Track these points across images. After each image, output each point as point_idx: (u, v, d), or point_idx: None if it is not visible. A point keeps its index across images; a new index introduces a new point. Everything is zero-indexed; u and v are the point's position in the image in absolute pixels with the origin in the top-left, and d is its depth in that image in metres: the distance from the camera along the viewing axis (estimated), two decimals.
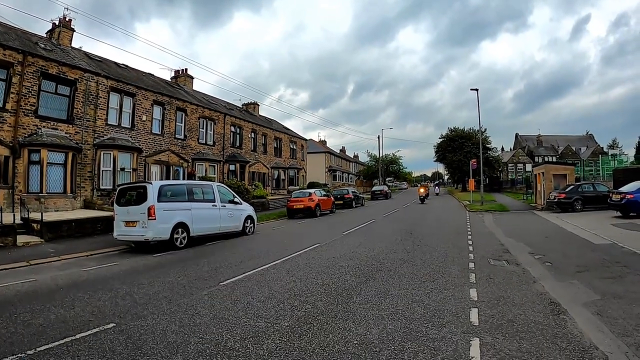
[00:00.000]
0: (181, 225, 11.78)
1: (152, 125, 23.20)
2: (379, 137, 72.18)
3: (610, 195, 16.97)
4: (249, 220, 14.84)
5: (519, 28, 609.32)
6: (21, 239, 12.24)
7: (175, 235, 11.57)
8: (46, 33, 21.44)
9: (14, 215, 13.33)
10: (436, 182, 43.66)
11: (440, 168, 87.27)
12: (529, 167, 62.88)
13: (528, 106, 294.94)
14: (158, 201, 11.32)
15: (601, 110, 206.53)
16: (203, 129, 28.00)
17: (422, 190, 33.14)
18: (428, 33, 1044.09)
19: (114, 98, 20.78)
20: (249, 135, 33.94)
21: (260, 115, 41.28)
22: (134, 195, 11.87)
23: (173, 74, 31.69)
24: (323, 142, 68.11)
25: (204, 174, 26.05)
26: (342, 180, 66.36)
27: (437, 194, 46.56)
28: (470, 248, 10.11)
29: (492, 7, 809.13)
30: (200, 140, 27.49)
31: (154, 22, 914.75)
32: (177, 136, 25.23)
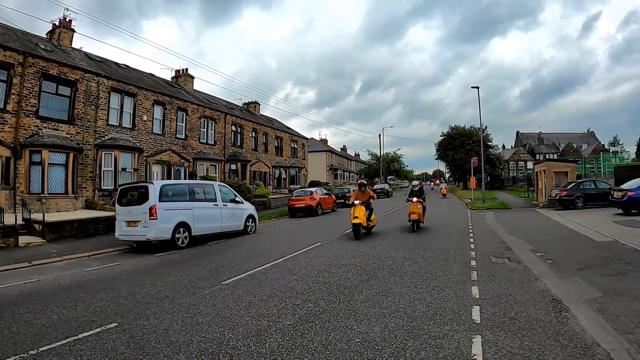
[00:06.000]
0: (183, 225, 11.78)
1: (153, 125, 23.23)
2: (380, 136, 72.06)
3: (612, 192, 16.90)
4: (251, 220, 14.85)
5: (530, 25, 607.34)
6: (23, 239, 12.27)
7: (177, 235, 11.58)
8: (46, 34, 21.47)
9: (16, 216, 13.36)
10: (417, 183, 16.71)
11: (442, 166, 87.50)
12: (530, 165, 62.80)
13: (534, 104, 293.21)
14: (159, 201, 11.33)
15: (605, 108, 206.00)
16: (204, 128, 28.02)
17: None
18: (438, 30, 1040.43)
19: (115, 98, 20.80)
20: (250, 135, 33.94)
21: (261, 115, 41.29)
22: (136, 195, 11.89)
23: (174, 74, 31.73)
24: (324, 141, 68.11)
25: (205, 174, 26.06)
26: (344, 179, 66.38)
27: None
28: (472, 246, 10.08)
29: (503, 4, 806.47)
30: (201, 140, 27.51)
31: (161, 20, 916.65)
32: (178, 136, 25.26)
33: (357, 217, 11.87)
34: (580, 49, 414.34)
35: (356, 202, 12.41)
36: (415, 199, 13.50)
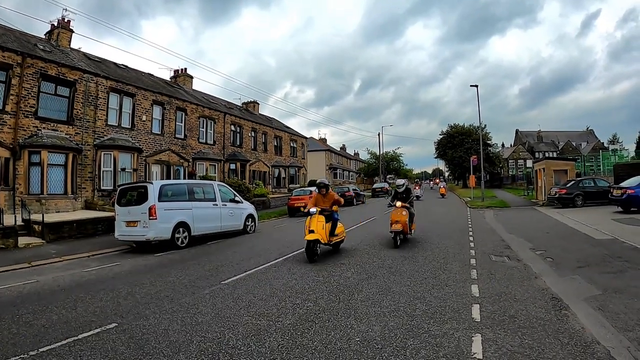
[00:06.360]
0: (182, 225, 11.77)
1: (152, 125, 23.21)
2: (379, 135, 72.18)
3: (611, 190, 16.91)
4: (250, 219, 14.84)
5: (529, 24, 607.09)
6: (23, 240, 12.25)
7: (177, 235, 11.56)
8: (45, 34, 21.44)
9: (15, 216, 13.35)
10: (402, 183, 11.30)
11: (441, 165, 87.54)
12: (529, 163, 62.67)
13: (533, 102, 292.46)
14: (159, 201, 11.31)
15: (604, 106, 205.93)
16: (203, 128, 28.00)
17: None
18: (437, 29, 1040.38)
19: (114, 98, 20.78)
20: (249, 134, 33.94)
21: (260, 114, 41.26)
22: (135, 195, 11.87)
23: (172, 74, 31.67)
24: (323, 140, 68.10)
25: (204, 173, 26.04)
26: (343, 178, 66.42)
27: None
28: (472, 244, 10.09)
29: (502, 3, 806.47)
30: (200, 140, 27.49)
31: (160, 20, 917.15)
32: (177, 136, 25.24)
33: (312, 232, 8.50)
34: (579, 47, 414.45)
35: (312, 209, 8.86)
36: (399, 204, 10.36)
